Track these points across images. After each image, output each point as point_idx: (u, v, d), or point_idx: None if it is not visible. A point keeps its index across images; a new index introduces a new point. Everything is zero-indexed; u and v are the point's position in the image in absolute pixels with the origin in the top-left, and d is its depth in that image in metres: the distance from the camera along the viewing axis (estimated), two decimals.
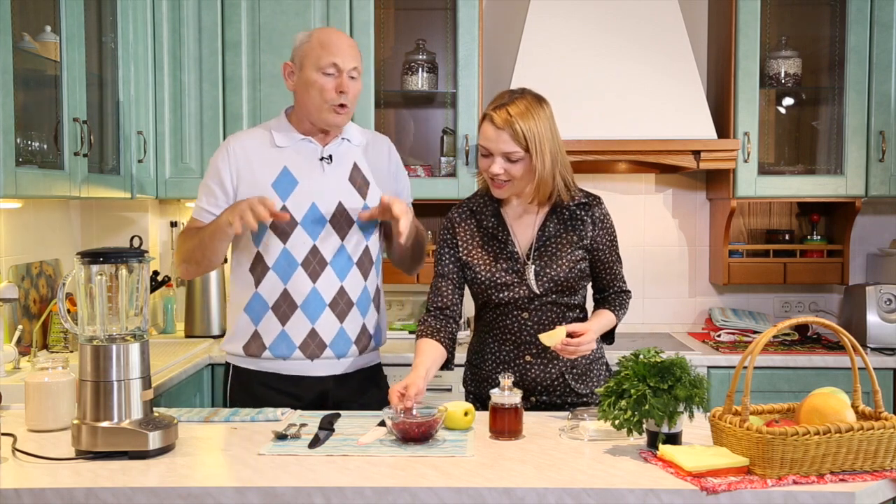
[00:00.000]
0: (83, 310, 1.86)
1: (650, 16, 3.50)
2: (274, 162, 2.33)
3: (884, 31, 3.40)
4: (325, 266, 2.31)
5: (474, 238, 2.31)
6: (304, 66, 2.30)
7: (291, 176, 2.32)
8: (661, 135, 3.38)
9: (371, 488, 1.62)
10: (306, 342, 2.31)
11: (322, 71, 2.27)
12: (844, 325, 3.37)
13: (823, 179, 3.49)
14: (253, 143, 2.36)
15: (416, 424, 1.87)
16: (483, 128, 2.21)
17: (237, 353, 2.36)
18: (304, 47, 2.31)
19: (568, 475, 1.68)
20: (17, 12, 2.41)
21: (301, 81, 2.31)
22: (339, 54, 2.27)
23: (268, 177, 2.31)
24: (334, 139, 2.38)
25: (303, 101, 2.32)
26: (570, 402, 2.29)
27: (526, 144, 2.16)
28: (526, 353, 2.28)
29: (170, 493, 1.62)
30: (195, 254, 2.31)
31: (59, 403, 2.02)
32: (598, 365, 2.36)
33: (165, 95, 3.43)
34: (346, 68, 2.28)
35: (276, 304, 2.31)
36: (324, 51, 2.27)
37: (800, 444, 1.61)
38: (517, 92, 2.22)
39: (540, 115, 2.18)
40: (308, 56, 2.29)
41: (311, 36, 2.32)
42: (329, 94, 2.27)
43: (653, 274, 3.86)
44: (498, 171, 2.18)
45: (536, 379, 2.28)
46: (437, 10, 3.74)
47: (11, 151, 2.34)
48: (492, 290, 2.27)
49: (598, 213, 2.30)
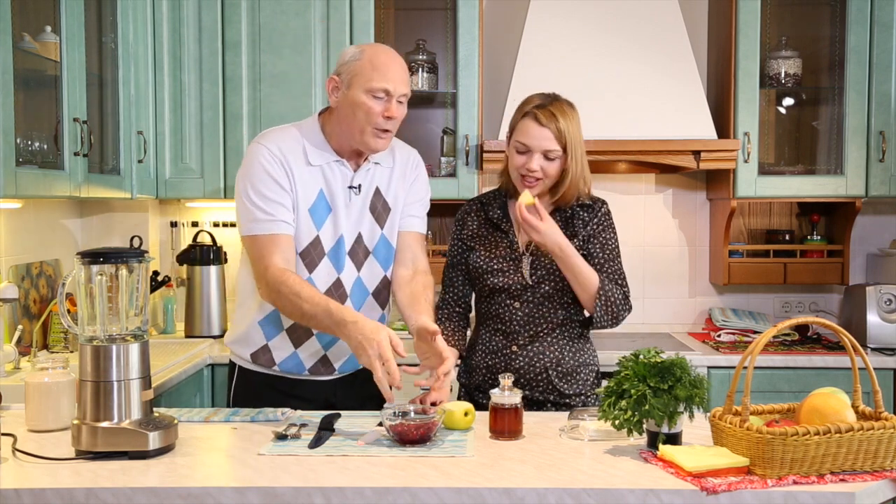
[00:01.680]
0: (83, 310, 1.86)
1: (650, 16, 3.50)
2: (310, 181, 2.20)
3: (884, 31, 3.40)
4: (345, 299, 2.24)
5: (480, 227, 2.41)
6: (352, 85, 2.14)
7: (326, 203, 2.21)
8: (661, 135, 3.38)
9: (371, 488, 1.62)
10: (316, 366, 2.30)
11: (372, 94, 2.13)
12: (844, 325, 3.37)
13: (823, 179, 3.49)
14: (290, 152, 2.19)
15: (414, 427, 1.87)
16: (524, 124, 2.27)
17: (244, 356, 2.33)
18: (356, 65, 2.15)
19: (568, 475, 1.68)
20: (17, 12, 2.40)
21: (347, 100, 2.15)
22: (392, 80, 2.13)
23: (306, 199, 2.19)
24: (364, 164, 2.26)
25: (346, 120, 2.17)
26: (552, 400, 2.32)
27: (565, 144, 2.24)
28: (513, 343, 2.33)
29: (170, 493, 1.62)
30: (293, 318, 2.15)
31: (59, 403, 2.02)
32: (587, 369, 2.38)
33: (165, 95, 3.43)
34: (396, 94, 2.14)
35: (292, 327, 2.25)
36: (375, 72, 2.13)
37: (800, 445, 1.61)
38: (552, 95, 2.31)
39: (575, 118, 2.30)
40: (359, 75, 2.14)
41: (363, 53, 2.16)
42: (375, 119, 2.14)
43: (653, 274, 3.86)
44: (535, 167, 2.25)
45: (520, 370, 2.31)
46: (437, 10, 3.74)
47: (11, 151, 2.34)
48: (487, 274, 2.34)
49: (598, 212, 2.36)
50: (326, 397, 2.34)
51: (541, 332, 2.32)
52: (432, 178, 3.53)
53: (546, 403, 2.33)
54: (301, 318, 2.12)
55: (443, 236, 3.84)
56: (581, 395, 2.34)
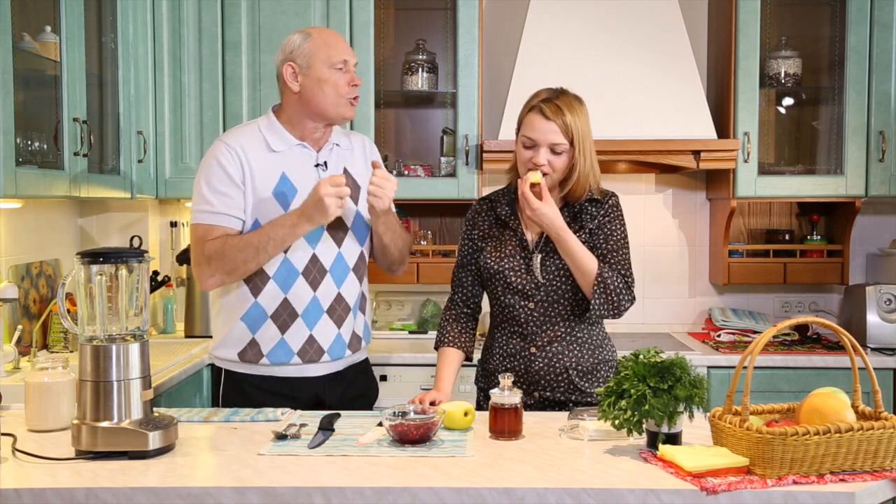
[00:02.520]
0: (83, 310, 1.86)
1: (650, 16, 3.50)
2: (272, 167, 2.31)
3: (884, 31, 3.40)
4: (324, 274, 2.31)
5: (491, 227, 2.39)
6: (312, 65, 2.29)
7: (291, 183, 2.31)
8: (661, 135, 3.38)
9: (371, 488, 1.62)
10: (304, 349, 2.32)
11: (334, 67, 2.29)
12: (844, 325, 3.37)
13: (823, 179, 3.49)
14: (250, 145, 2.32)
15: (413, 427, 1.87)
16: (530, 119, 2.27)
17: (230, 358, 2.35)
18: (309, 47, 2.30)
19: (568, 475, 1.68)
20: (17, 12, 2.41)
21: (311, 80, 2.29)
22: (345, 51, 2.32)
23: (268, 183, 2.29)
24: (326, 145, 2.38)
25: (315, 98, 2.30)
26: (573, 399, 2.30)
27: (572, 138, 2.24)
28: (531, 345, 2.30)
29: (170, 493, 1.62)
30: (249, 264, 2.23)
31: (59, 403, 2.02)
32: (606, 366, 2.35)
33: (165, 95, 3.43)
34: (352, 63, 2.33)
35: (276, 313, 2.30)
36: (331, 49, 2.30)
37: (800, 444, 1.61)
38: (559, 90, 2.30)
39: (583, 112, 2.28)
40: (316, 54, 2.29)
41: (310, 35, 2.32)
42: (344, 89, 2.29)
43: (653, 274, 3.86)
44: (542, 161, 2.24)
45: (540, 372, 2.29)
46: (437, 10, 3.74)
47: (11, 151, 2.34)
48: (498, 275, 2.32)
49: (607, 205, 2.33)
50: (317, 393, 2.35)
51: (559, 333, 2.29)
52: (432, 178, 3.55)
53: (568, 403, 2.29)
54: (255, 253, 2.22)
55: (442, 236, 3.84)
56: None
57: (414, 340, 3.55)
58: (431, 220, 3.83)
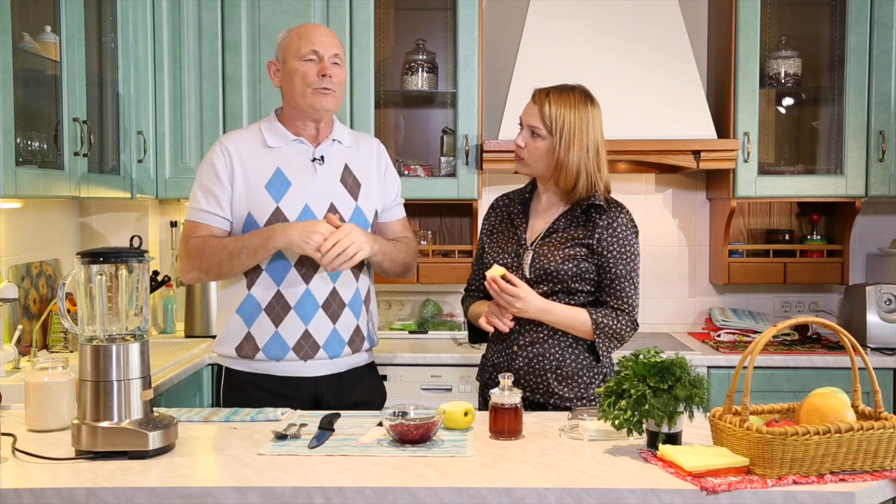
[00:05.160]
0: (83, 310, 1.86)
1: (650, 16, 3.50)
2: (267, 163, 2.34)
3: (884, 31, 3.40)
4: (318, 267, 2.31)
5: (501, 223, 2.43)
6: (286, 59, 2.34)
7: (284, 177, 2.33)
8: (661, 135, 3.38)
9: (371, 488, 1.62)
10: (299, 343, 2.32)
11: (303, 59, 2.31)
12: (844, 325, 3.37)
13: (823, 179, 3.49)
14: (245, 143, 2.37)
15: (413, 427, 1.87)
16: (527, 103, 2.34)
17: (229, 354, 2.36)
18: (285, 41, 2.36)
19: (568, 475, 1.68)
20: (17, 12, 2.41)
21: (286, 74, 2.35)
22: (317, 42, 2.32)
23: (261, 178, 2.32)
24: (325, 140, 2.40)
25: (289, 92, 2.35)
26: (552, 403, 2.29)
27: (551, 126, 2.25)
28: (514, 344, 2.32)
29: (170, 493, 1.62)
30: (223, 267, 2.29)
31: (59, 403, 2.02)
32: (591, 372, 2.31)
33: (165, 95, 3.43)
34: (326, 55, 2.32)
35: (270, 305, 2.31)
36: (303, 40, 2.32)
37: (800, 444, 1.61)
38: (572, 85, 2.33)
39: (579, 108, 2.27)
40: (289, 48, 2.34)
41: (290, 31, 2.37)
42: (311, 79, 2.30)
43: (653, 274, 3.86)
44: (520, 142, 2.30)
45: (520, 371, 2.29)
46: (437, 10, 3.74)
47: (11, 151, 2.34)
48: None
49: (613, 218, 2.28)
50: (315, 391, 2.35)
51: (541, 335, 2.28)
52: (432, 178, 3.55)
53: (547, 406, 2.29)
54: (229, 257, 2.26)
55: (443, 236, 3.84)
56: (583, 399, 2.29)
57: (414, 340, 3.55)
58: (431, 220, 3.83)
